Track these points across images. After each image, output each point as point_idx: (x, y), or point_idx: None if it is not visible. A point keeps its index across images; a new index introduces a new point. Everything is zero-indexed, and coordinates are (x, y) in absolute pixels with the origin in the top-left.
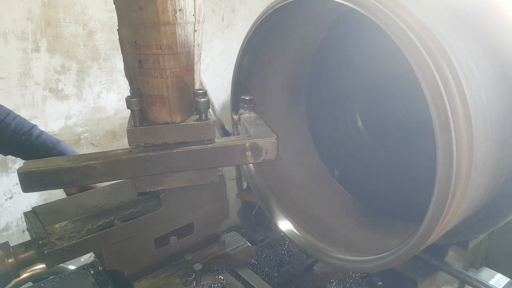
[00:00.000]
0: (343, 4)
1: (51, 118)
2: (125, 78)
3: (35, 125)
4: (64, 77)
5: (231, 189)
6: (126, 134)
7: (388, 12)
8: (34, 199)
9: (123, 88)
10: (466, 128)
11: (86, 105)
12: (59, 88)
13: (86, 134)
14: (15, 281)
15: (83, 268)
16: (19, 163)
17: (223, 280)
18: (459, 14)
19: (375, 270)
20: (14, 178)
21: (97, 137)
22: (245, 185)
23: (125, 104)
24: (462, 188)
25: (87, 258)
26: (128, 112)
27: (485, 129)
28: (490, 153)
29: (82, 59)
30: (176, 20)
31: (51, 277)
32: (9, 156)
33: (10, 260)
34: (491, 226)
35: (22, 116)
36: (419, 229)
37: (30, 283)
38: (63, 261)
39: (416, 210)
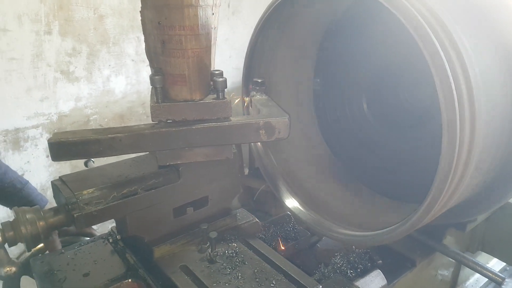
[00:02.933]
0: None
1: (61, 100)
2: (133, 62)
3: None
4: (75, 60)
5: None
6: (133, 118)
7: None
8: (45, 177)
9: (131, 72)
10: (470, 120)
11: (96, 88)
12: (70, 71)
13: (95, 116)
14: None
15: (101, 237)
16: (30, 142)
17: (236, 247)
18: (470, 7)
19: (378, 243)
20: (26, 156)
21: (106, 120)
22: (246, 171)
23: (132, 88)
24: (462, 170)
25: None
26: (136, 96)
27: (488, 116)
28: (491, 139)
29: (92, 42)
30: (199, 2)
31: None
32: (21, 134)
33: (41, 223)
34: (489, 208)
35: (34, 96)
36: (420, 207)
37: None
38: (91, 225)
39: (416, 191)
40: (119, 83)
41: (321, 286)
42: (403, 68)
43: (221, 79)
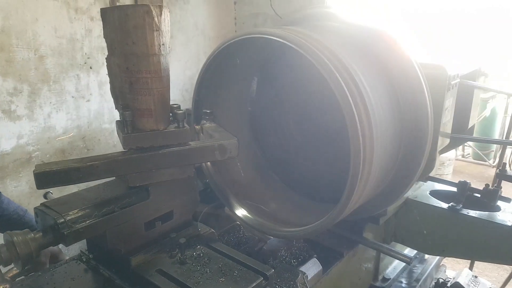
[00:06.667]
0: (277, 40)
1: (3, 138)
2: (73, 99)
3: None
4: (17, 99)
5: None
6: (74, 152)
7: (314, 49)
8: None
9: (71, 108)
10: (369, 133)
11: (37, 125)
12: (12, 110)
13: (37, 152)
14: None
15: (73, 259)
16: None
17: (201, 249)
18: (360, 46)
19: (309, 236)
20: None
21: (48, 155)
22: None
23: (73, 123)
24: (366, 176)
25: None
26: (76, 131)
27: (382, 133)
28: (385, 150)
29: (34, 81)
30: (161, 51)
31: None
32: None
33: (33, 243)
34: (390, 203)
35: None
36: (336, 206)
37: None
38: (78, 240)
39: (336, 194)
40: (60, 119)
41: (273, 270)
42: (320, 98)
43: (180, 111)
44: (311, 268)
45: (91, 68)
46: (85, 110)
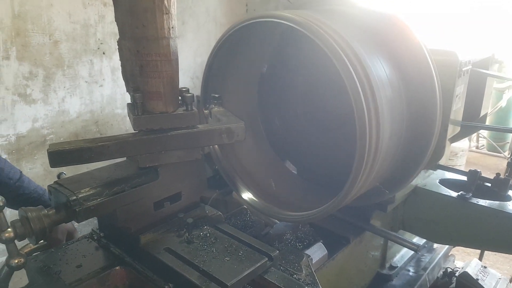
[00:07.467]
0: (287, 24)
1: (19, 121)
2: (86, 84)
3: (20, 170)
4: (32, 83)
5: None
6: (87, 136)
7: (324, 33)
8: None
9: (85, 93)
10: (375, 119)
11: (52, 109)
12: (27, 93)
13: (52, 135)
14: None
15: (84, 237)
16: None
17: (208, 229)
18: (370, 30)
19: (313, 220)
20: None
21: (62, 139)
22: None
23: (86, 108)
24: (373, 158)
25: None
26: (90, 116)
27: (389, 116)
28: (392, 134)
29: (48, 66)
30: (170, 35)
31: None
32: None
33: (46, 220)
34: (396, 190)
35: None
36: (340, 193)
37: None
38: (90, 217)
39: (340, 180)
40: (74, 104)
41: (278, 252)
42: (328, 83)
43: (189, 94)
44: (317, 252)
45: (104, 53)
46: (98, 95)
